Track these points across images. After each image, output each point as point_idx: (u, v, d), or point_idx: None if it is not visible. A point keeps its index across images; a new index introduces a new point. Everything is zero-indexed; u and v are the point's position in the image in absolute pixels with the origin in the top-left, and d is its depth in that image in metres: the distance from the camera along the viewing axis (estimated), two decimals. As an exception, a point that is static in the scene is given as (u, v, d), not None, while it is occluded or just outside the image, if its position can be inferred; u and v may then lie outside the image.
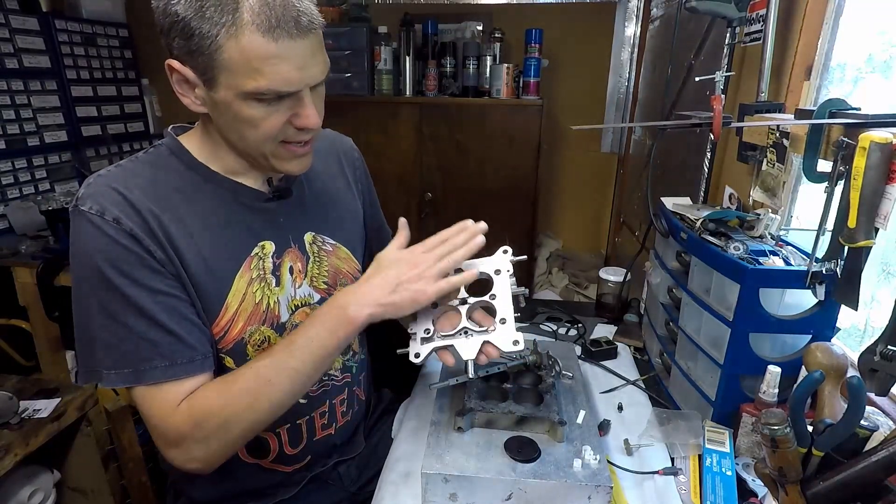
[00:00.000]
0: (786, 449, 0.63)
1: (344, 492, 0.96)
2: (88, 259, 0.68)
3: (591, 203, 2.93)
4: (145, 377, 0.70)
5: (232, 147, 0.76)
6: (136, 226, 0.69)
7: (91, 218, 0.68)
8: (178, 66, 0.67)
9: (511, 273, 0.80)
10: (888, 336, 0.68)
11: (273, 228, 0.82)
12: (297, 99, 0.69)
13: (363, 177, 1.03)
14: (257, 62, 0.64)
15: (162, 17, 0.65)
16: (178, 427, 0.71)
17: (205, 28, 0.63)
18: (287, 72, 0.66)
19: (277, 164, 0.75)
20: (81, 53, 2.52)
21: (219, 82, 0.66)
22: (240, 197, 0.79)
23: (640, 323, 1.33)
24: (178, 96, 0.71)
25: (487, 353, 0.75)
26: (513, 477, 0.73)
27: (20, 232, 2.19)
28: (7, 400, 1.15)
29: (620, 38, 2.64)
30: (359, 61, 2.32)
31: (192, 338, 0.73)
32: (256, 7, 0.62)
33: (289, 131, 0.72)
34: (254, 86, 0.65)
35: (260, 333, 0.81)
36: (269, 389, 0.71)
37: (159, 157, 0.77)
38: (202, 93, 0.69)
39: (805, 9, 1.06)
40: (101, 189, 0.70)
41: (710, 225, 0.99)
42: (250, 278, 0.79)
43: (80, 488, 1.37)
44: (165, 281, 0.71)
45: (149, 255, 0.69)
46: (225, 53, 0.64)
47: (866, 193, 0.67)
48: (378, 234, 1.08)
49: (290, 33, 0.64)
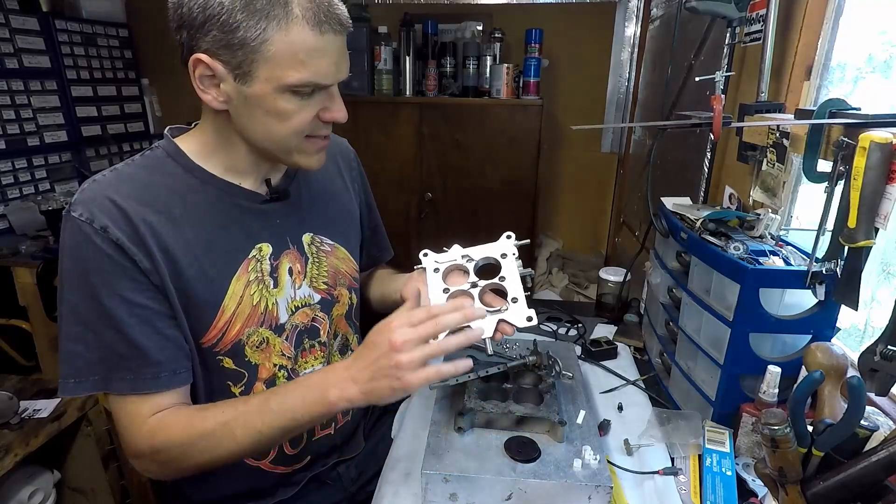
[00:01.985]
0: (786, 449, 0.63)
1: (343, 492, 0.96)
2: (73, 264, 0.69)
3: (591, 203, 2.93)
4: (111, 386, 0.72)
5: (250, 143, 0.76)
6: (125, 235, 0.69)
7: (80, 225, 0.68)
8: (207, 60, 0.67)
9: (517, 256, 0.82)
10: (888, 336, 0.68)
11: (270, 230, 0.82)
12: (328, 94, 0.72)
13: (359, 177, 1.03)
14: (303, 54, 0.66)
15: (197, 11, 0.64)
16: (139, 444, 0.73)
17: (252, 21, 0.64)
18: (327, 65, 0.68)
19: (300, 158, 0.76)
20: (81, 53, 2.53)
21: (256, 76, 0.67)
22: (237, 199, 0.79)
23: (640, 323, 1.33)
24: (198, 93, 0.70)
25: (503, 331, 0.75)
26: (513, 477, 0.73)
27: (20, 232, 2.19)
28: (7, 400, 1.15)
29: (620, 38, 2.64)
30: (359, 61, 2.32)
31: (162, 354, 0.73)
32: (306, 3, 0.65)
33: (316, 125, 0.74)
34: (297, 77, 0.67)
35: (258, 335, 0.81)
36: (229, 442, 0.71)
37: (156, 159, 0.77)
38: (230, 88, 0.69)
39: (805, 9, 1.06)
40: (93, 195, 0.70)
41: (710, 225, 0.99)
42: (247, 280, 0.79)
43: (80, 488, 1.37)
44: (146, 293, 0.71)
45: (133, 265, 0.69)
46: (272, 46, 0.65)
47: (866, 193, 0.67)
48: (374, 234, 1.08)
49: (334, 29, 0.67)
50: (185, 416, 0.74)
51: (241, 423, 0.71)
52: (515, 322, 0.75)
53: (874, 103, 1.00)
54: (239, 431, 0.71)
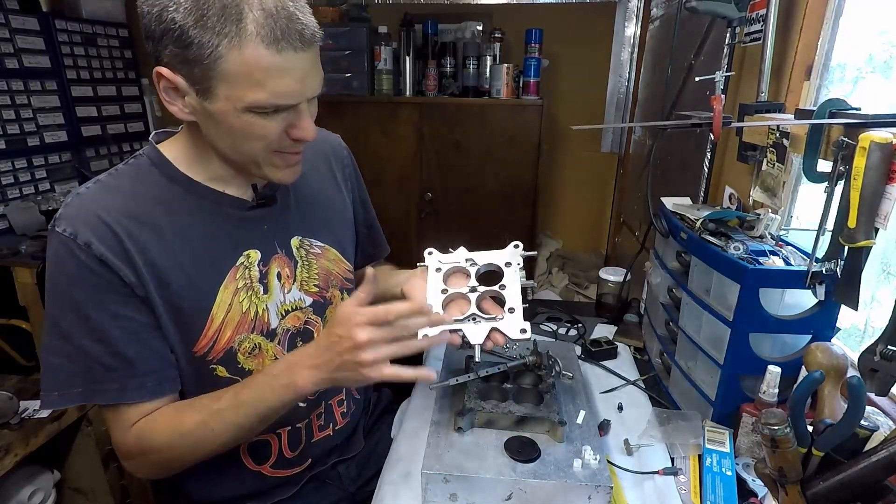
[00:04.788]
0: (786, 449, 0.63)
1: (343, 491, 0.96)
2: (57, 280, 0.70)
3: (591, 203, 2.92)
4: (95, 398, 0.72)
5: (220, 155, 0.75)
6: (109, 250, 0.69)
7: (64, 240, 0.68)
8: (167, 74, 0.66)
9: (521, 266, 0.82)
10: (888, 336, 0.68)
11: (258, 236, 0.82)
12: (295, 111, 0.69)
13: (352, 174, 1.01)
14: (260, 74, 0.63)
15: (154, 24, 0.63)
16: (128, 447, 0.75)
17: (205, 38, 0.61)
18: (288, 85, 0.65)
19: (269, 172, 0.74)
20: (81, 53, 2.52)
21: (216, 93, 0.65)
22: (223, 207, 0.78)
23: (640, 323, 1.33)
24: (164, 104, 0.69)
25: (494, 340, 0.76)
26: (513, 477, 0.73)
27: (20, 232, 2.18)
28: (7, 400, 1.15)
29: (620, 38, 2.64)
30: (359, 61, 2.32)
31: (147, 365, 0.74)
32: (261, 18, 0.61)
33: (284, 142, 0.71)
34: (254, 98, 0.64)
35: (250, 341, 0.80)
36: (211, 437, 0.74)
37: (139, 168, 0.76)
38: (193, 101, 0.67)
39: (805, 9, 1.06)
40: (77, 211, 0.70)
41: (710, 225, 0.99)
42: (236, 288, 0.78)
43: (80, 488, 1.37)
44: (130, 305, 0.71)
45: (118, 279, 0.70)
46: (226, 64, 0.62)
47: (866, 193, 0.67)
48: (370, 232, 1.07)
49: (293, 46, 0.63)
50: (165, 417, 0.75)
51: (218, 419, 0.73)
52: (508, 333, 0.75)
53: (874, 103, 1.00)
54: (217, 427, 0.73)
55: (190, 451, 0.75)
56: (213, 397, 0.75)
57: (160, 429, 0.74)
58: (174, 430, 0.73)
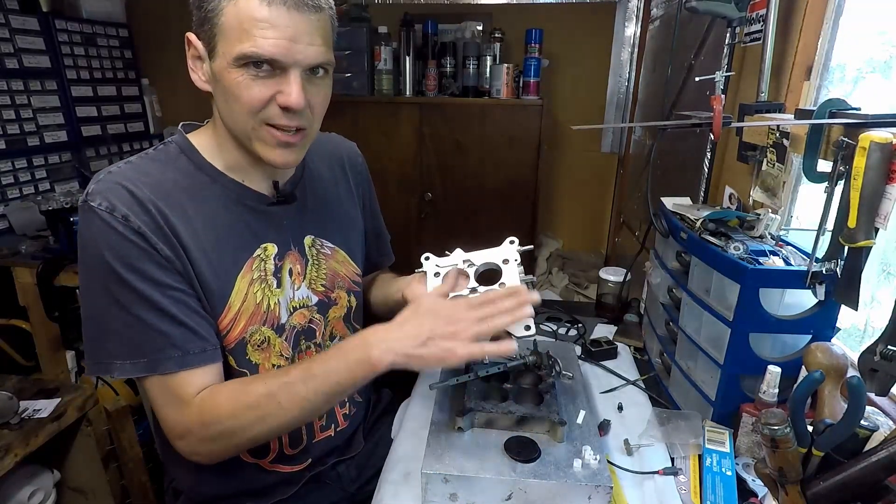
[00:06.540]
0: (786, 449, 0.63)
1: (343, 491, 0.96)
2: (98, 254, 0.69)
3: (591, 203, 2.92)
4: (160, 367, 0.71)
5: (233, 137, 0.76)
6: (144, 223, 0.70)
7: (101, 214, 0.68)
8: (193, 40, 0.71)
9: (518, 262, 0.82)
10: (888, 336, 0.68)
11: (276, 231, 0.83)
12: (284, 77, 0.69)
13: (365, 183, 1.03)
14: (248, 24, 0.65)
15: None
16: (187, 422, 0.72)
17: None
18: (274, 39, 0.66)
19: (260, 148, 0.74)
20: (81, 53, 2.52)
21: (217, 51, 0.68)
22: (245, 199, 0.80)
23: (640, 323, 1.33)
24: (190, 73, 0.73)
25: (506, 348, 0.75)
26: (513, 477, 0.73)
27: (20, 232, 2.18)
28: (7, 400, 1.15)
29: (620, 38, 2.63)
30: (359, 61, 2.32)
31: (202, 329, 0.74)
32: None
33: (272, 111, 0.71)
34: (240, 48, 0.66)
35: (260, 334, 0.81)
36: (278, 412, 0.71)
37: (168, 155, 0.78)
38: (208, 67, 0.71)
39: (805, 9, 1.06)
40: (110, 186, 0.70)
41: (710, 225, 0.99)
42: (251, 279, 0.80)
43: (80, 488, 1.37)
44: (173, 276, 0.72)
45: (156, 251, 0.70)
46: (224, 18, 0.66)
47: (866, 193, 0.67)
48: (377, 240, 1.08)
49: (286, 3, 0.65)
50: (229, 390, 0.74)
51: (287, 392, 0.71)
52: (512, 330, 0.75)
53: (874, 103, 1.00)
54: (285, 401, 0.71)
55: (254, 424, 0.72)
56: (283, 371, 0.75)
57: (225, 399, 0.72)
58: (239, 402, 0.72)
